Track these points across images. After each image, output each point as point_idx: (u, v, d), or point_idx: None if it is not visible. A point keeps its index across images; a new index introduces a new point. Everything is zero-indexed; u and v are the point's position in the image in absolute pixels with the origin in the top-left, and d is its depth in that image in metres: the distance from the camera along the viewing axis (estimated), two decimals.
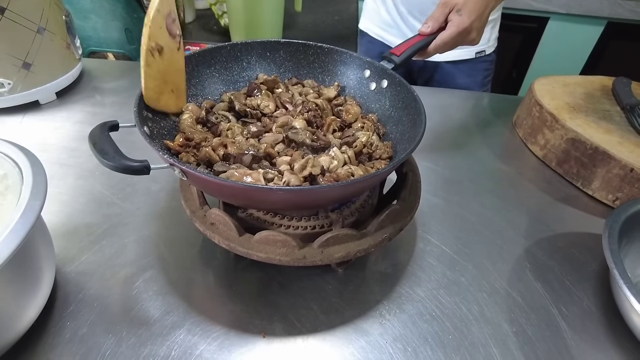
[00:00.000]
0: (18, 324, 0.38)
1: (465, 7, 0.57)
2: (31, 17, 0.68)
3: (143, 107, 0.43)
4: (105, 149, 0.37)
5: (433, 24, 0.58)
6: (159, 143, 0.43)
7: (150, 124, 0.44)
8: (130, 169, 0.36)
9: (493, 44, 0.99)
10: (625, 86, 0.74)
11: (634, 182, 0.58)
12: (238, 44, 0.56)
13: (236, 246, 0.41)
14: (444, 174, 0.66)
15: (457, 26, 0.57)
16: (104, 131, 0.39)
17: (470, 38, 0.59)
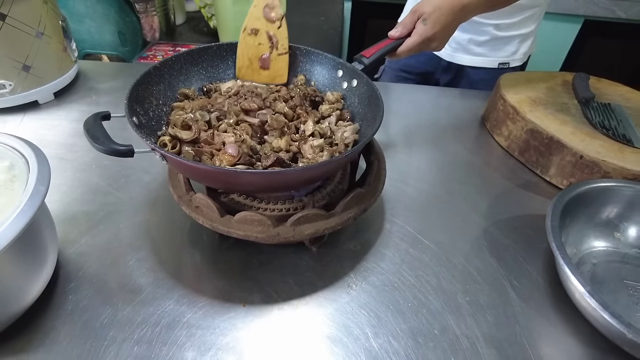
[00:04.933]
0: (26, 296, 0.44)
1: (430, 17, 0.61)
2: (30, 22, 0.73)
3: (133, 100, 0.48)
4: (96, 135, 0.42)
5: (402, 29, 0.63)
6: (146, 131, 0.48)
7: (139, 115, 0.49)
8: (116, 152, 0.41)
9: (521, 59, 1.00)
10: (583, 81, 0.79)
11: (583, 168, 0.63)
12: (224, 44, 0.61)
13: (218, 226, 0.46)
14: (416, 164, 0.71)
15: (420, 35, 0.61)
16: (96, 120, 0.44)
17: (433, 46, 0.64)
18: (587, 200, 0.54)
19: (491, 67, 0.98)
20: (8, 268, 0.40)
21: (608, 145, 0.64)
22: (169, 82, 0.55)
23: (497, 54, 0.96)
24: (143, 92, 0.51)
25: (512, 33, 0.93)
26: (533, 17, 0.94)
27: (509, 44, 0.96)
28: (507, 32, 0.92)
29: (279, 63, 0.61)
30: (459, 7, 0.63)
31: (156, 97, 0.53)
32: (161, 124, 0.53)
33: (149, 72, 0.52)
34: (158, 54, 1.00)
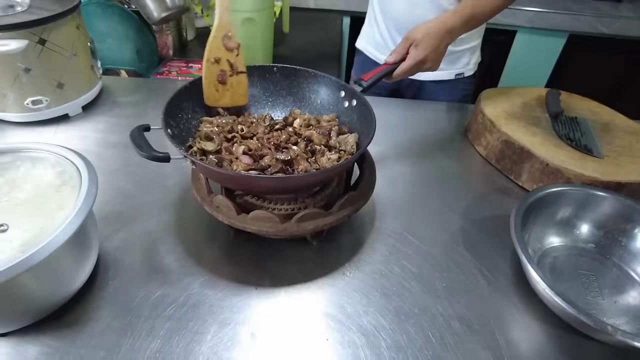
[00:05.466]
0: (77, 280, 0.53)
1: (421, 43, 0.70)
2: (65, 46, 0.83)
3: (168, 115, 0.58)
4: (140, 144, 0.52)
5: (396, 55, 0.72)
6: (178, 141, 0.57)
7: (172, 128, 0.59)
8: (156, 158, 0.51)
9: (472, 68, 1.11)
10: (555, 97, 0.89)
11: (549, 175, 0.73)
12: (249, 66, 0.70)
13: (235, 222, 0.56)
14: (403, 172, 0.81)
15: (414, 59, 0.70)
16: (140, 131, 0.54)
17: (426, 67, 0.73)
18: (546, 202, 0.63)
19: (449, 79, 1.09)
20: (67, 256, 0.50)
21: (571, 155, 0.74)
22: (197, 99, 0.65)
23: (453, 66, 1.07)
24: (175, 108, 0.61)
25: (464, 47, 1.05)
26: (479, 31, 1.08)
27: (463, 57, 1.08)
28: (460, 47, 1.03)
29: (240, 85, 0.68)
30: (445, 32, 0.72)
31: (186, 112, 0.63)
32: (190, 135, 0.63)
33: (180, 91, 0.62)
34: (172, 69, 1.10)
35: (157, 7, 1.00)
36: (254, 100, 0.72)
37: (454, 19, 0.73)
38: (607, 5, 1.82)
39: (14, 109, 0.83)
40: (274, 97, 0.72)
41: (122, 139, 0.84)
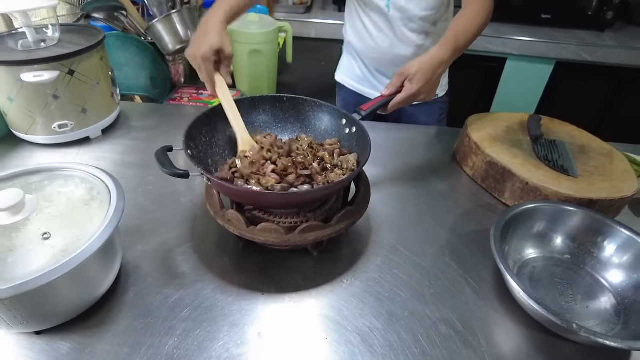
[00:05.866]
0: (104, 285, 0.60)
1: (415, 77, 0.78)
2: (90, 75, 0.92)
3: (189, 138, 0.66)
4: (164, 162, 0.60)
5: (391, 88, 0.80)
6: (196, 160, 0.64)
7: (192, 149, 0.66)
8: (177, 174, 0.58)
9: (445, 88, 1.23)
10: (536, 121, 0.97)
11: (529, 192, 0.80)
12: (256, 97, 0.79)
13: (245, 233, 0.63)
14: (396, 190, 0.88)
15: (408, 92, 0.78)
16: (164, 151, 0.62)
17: (420, 99, 0.80)
18: (523, 218, 0.70)
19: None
20: (97, 263, 0.57)
21: (549, 175, 0.81)
22: (214, 124, 0.73)
23: None
24: (195, 132, 0.68)
25: None
26: None
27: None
28: None
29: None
30: (437, 65, 0.80)
31: (204, 135, 0.71)
32: (207, 155, 0.70)
33: (200, 117, 0.70)
34: (184, 95, 1.19)
35: (172, 40, 1.09)
36: (265, 126, 0.80)
37: (442, 52, 0.81)
38: (590, 34, 1.93)
39: (42, 132, 0.91)
40: (283, 123, 0.81)
41: (139, 160, 0.92)
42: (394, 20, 1.08)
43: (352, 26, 1.20)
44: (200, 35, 0.76)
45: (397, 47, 1.12)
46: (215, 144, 0.74)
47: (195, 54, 0.75)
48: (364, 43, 1.17)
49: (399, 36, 1.11)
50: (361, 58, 1.21)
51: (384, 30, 1.12)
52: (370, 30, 1.14)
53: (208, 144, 0.72)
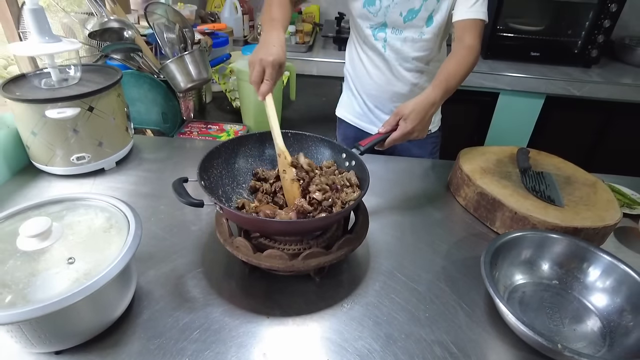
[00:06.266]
0: (120, 307, 0.64)
1: (409, 117, 0.85)
2: (107, 111, 0.99)
3: (202, 170, 0.71)
4: (180, 192, 0.65)
5: (387, 127, 0.86)
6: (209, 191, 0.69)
7: (205, 180, 0.72)
8: (192, 203, 0.64)
9: (437, 124, 1.31)
10: (524, 154, 1.03)
11: (518, 221, 0.85)
12: (264, 133, 0.85)
13: (252, 259, 0.67)
14: (394, 219, 0.93)
15: (403, 131, 0.85)
16: (180, 182, 0.67)
17: (414, 137, 0.87)
18: (511, 245, 0.75)
19: None
20: (115, 287, 0.61)
21: (536, 204, 0.87)
22: (225, 158, 0.79)
23: None
24: (208, 165, 0.74)
25: None
26: None
27: None
28: None
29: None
30: (429, 106, 0.87)
31: (216, 168, 0.77)
32: (218, 186, 0.76)
33: (212, 151, 0.76)
34: (193, 130, 1.26)
35: (184, 79, 1.18)
36: (272, 159, 0.86)
37: (434, 94, 0.88)
38: (577, 71, 2.04)
39: (61, 164, 0.97)
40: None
41: (151, 190, 0.97)
42: (390, 59, 1.17)
43: (352, 64, 1.29)
44: (265, 46, 0.86)
45: (393, 85, 1.21)
46: (225, 176, 0.80)
47: (264, 58, 0.83)
48: (363, 80, 1.25)
49: (395, 74, 1.19)
50: (360, 94, 1.29)
51: (381, 69, 1.20)
52: (368, 69, 1.23)
53: (219, 176, 0.78)
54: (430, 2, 1.07)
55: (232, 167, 0.82)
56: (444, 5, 1.07)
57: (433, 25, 1.11)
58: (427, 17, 1.10)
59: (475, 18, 1.03)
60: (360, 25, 1.17)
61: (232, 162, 0.81)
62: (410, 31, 1.12)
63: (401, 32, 1.13)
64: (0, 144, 0.97)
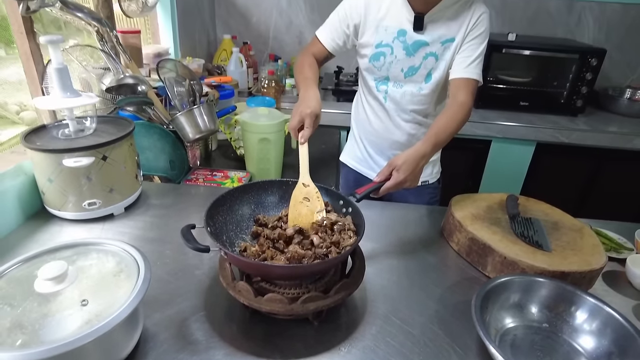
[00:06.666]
0: (126, 349, 0.67)
1: (401, 168, 0.92)
2: (119, 160, 1.05)
3: (208, 217, 0.76)
4: (188, 238, 0.70)
5: (381, 176, 0.93)
6: (214, 237, 0.74)
7: (211, 226, 0.77)
8: (199, 249, 0.68)
9: (435, 176, 1.38)
10: (513, 201, 1.09)
11: (508, 266, 0.89)
12: (266, 181, 0.91)
13: (253, 303, 0.71)
14: (390, 264, 0.97)
15: (396, 180, 0.92)
16: (188, 229, 0.72)
17: (406, 186, 0.94)
18: (500, 289, 0.78)
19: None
20: (124, 328, 0.65)
21: (525, 249, 0.91)
22: (230, 205, 0.85)
23: None
24: (214, 212, 0.79)
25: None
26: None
27: (427, 169, 1.34)
28: None
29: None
30: (420, 158, 0.95)
31: (221, 215, 0.82)
32: (222, 232, 0.81)
33: (218, 199, 0.81)
34: (199, 176, 1.32)
35: (192, 130, 1.26)
36: (273, 206, 0.92)
37: (424, 147, 0.96)
38: (564, 119, 2.14)
39: (73, 209, 1.03)
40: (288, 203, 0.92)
41: (157, 235, 1.02)
42: (390, 110, 1.27)
43: (356, 112, 1.40)
44: (304, 100, 1.02)
45: (392, 133, 1.30)
46: (229, 222, 0.85)
47: (303, 111, 0.97)
48: (365, 127, 1.35)
49: (394, 124, 1.28)
50: (362, 141, 1.38)
51: (381, 118, 1.30)
52: (370, 117, 1.32)
53: (223, 222, 0.83)
54: (430, 61, 1.18)
55: (236, 213, 0.87)
56: (442, 65, 1.18)
57: (431, 82, 1.21)
58: (426, 74, 1.20)
59: (469, 77, 1.13)
60: (366, 77, 1.29)
61: (236, 209, 0.87)
62: (409, 86, 1.23)
63: (401, 86, 1.23)
64: (18, 190, 1.03)
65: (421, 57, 1.18)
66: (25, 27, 1.14)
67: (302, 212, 0.86)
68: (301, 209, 0.86)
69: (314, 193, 0.87)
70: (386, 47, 1.20)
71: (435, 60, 1.18)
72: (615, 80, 2.48)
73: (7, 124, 1.41)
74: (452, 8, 1.14)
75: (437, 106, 1.29)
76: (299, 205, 0.87)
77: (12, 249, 0.92)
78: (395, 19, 1.17)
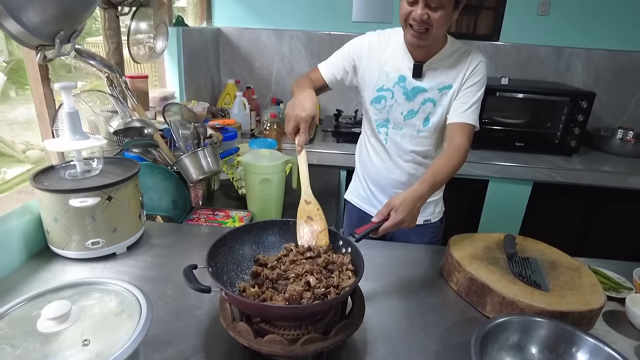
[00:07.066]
0: None
1: (399, 209, 0.95)
2: (124, 201, 1.08)
3: (210, 258, 0.78)
4: (190, 278, 0.71)
5: (380, 217, 0.96)
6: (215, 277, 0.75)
7: (212, 267, 0.78)
8: (201, 289, 0.69)
9: (438, 215, 1.41)
10: (510, 241, 1.10)
11: (507, 306, 0.89)
12: (267, 221, 0.93)
13: (253, 344, 0.71)
14: (390, 304, 0.97)
15: (394, 220, 0.94)
16: (190, 269, 0.74)
17: (404, 226, 0.96)
18: (499, 330, 0.78)
19: (418, 224, 1.31)
20: None
21: (523, 289, 0.91)
22: (230, 245, 0.86)
23: (421, 214, 1.34)
24: (215, 252, 0.81)
25: (429, 200, 1.30)
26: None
27: (429, 207, 1.38)
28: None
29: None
30: (417, 198, 0.99)
31: (222, 255, 0.83)
32: (223, 272, 0.82)
33: (219, 239, 0.83)
34: (201, 216, 1.34)
35: (196, 171, 1.29)
36: (273, 245, 0.93)
37: (421, 188, 1.00)
38: (559, 159, 2.18)
39: (76, 248, 1.04)
40: (289, 243, 0.93)
41: (158, 275, 1.03)
42: (391, 151, 1.32)
43: (359, 153, 1.46)
44: (299, 102, 1.02)
45: (393, 173, 1.33)
46: (230, 262, 0.86)
47: (298, 114, 1.00)
48: (368, 167, 1.40)
49: (395, 164, 1.33)
50: (365, 180, 1.42)
51: (382, 158, 1.35)
52: (372, 157, 1.38)
53: (224, 263, 0.84)
54: (428, 106, 1.24)
55: (237, 253, 0.88)
56: (440, 110, 1.24)
57: (429, 125, 1.26)
58: (424, 118, 1.26)
59: (465, 122, 1.18)
60: (368, 118, 1.35)
61: (237, 249, 0.88)
62: (409, 128, 1.28)
63: (401, 128, 1.29)
64: (23, 229, 1.05)
65: (420, 102, 1.24)
66: (41, 74, 1.20)
67: (307, 233, 0.89)
68: (305, 229, 0.90)
69: (315, 211, 0.89)
70: (387, 92, 1.26)
71: (433, 105, 1.23)
72: (606, 121, 2.55)
73: (13, 162, 1.45)
74: (450, 58, 1.21)
75: (437, 148, 1.33)
76: (304, 225, 0.90)
77: (15, 288, 0.93)
78: (396, 66, 1.24)
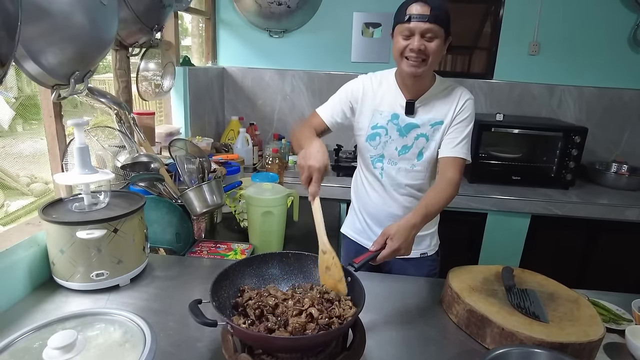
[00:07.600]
0: None
1: (395, 237, 0.99)
2: (129, 233, 1.10)
3: (213, 292, 0.79)
4: (196, 313, 0.72)
5: (377, 245, 0.99)
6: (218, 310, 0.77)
7: (215, 301, 0.79)
8: (207, 323, 0.71)
9: (434, 248, 1.44)
10: (509, 273, 1.12)
11: (506, 337, 0.90)
12: (267, 254, 0.96)
13: None
14: (390, 336, 0.97)
15: (390, 248, 0.98)
16: (195, 304, 0.75)
17: (401, 253, 1.00)
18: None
19: (415, 257, 1.38)
20: None
21: (522, 321, 0.92)
22: (232, 279, 0.88)
23: (418, 247, 1.38)
24: (218, 287, 0.83)
25: (425, 233, 1.38)
26: (435, 221, 1.42)
27: (425, 240, 1.41)
28: (421, 233, 1.29)
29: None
30: (411, 227, 1.03)
31: (225, 289, 0.85)
32: (225, 306, 0.83)
33: (221, 274, 0.85)
34: (204, 249, 1.36)
35: (200, 205, 1.33)
36: (274, 277, 0.95)
37: (414, 218, 1.04)
38: (556, 192, 2.22)
39: (81, 280, 1.06)
40: (289, 275, 0.96)
41: (161, 307, 1.04)
42: (386, 185, 1.36)
43: (355, 187, 1.49)
44: (311, 153, 1.03)
45: (389, 206, 1.37)
46: (232, 296, 0.87)
47: (312, 165, 1.00)
48: (364, 200, 1.43)
49: (391, 197, 1.36)
50: (361, 213, 1.45)
51: (378, 192, 1.38)
52: (368, 191, 1.41)
53: (227, 297, 0.86)
54: (421, 141, 1.30)
55: (238, 288, 0.90)
56: (432, 145, 1.29)
57: (423, 159, 1.31)
58: (418, 153, 1.31)
59: (456, 156, 1.23)
60: (364, 154, 1.40)
61: (238, 282, 0.90)
62: (403, 163, 1.33)
63: (396, 163, 1.33)
64: (29, 260, 1.07)
65: (413, 138, 1.29)
66: (54, 111, 1.26)
67: (330, 283, 0.91)
68: (327, 279, 0.91)
69: (332, 260, 0.91)
70: (381, 129, 1.31)
71: (426, 140, 1.29)
72: (600, 155, 2.61)
73: (17, 195, 1.48)
74: (440, 95, 1.28)
75: (431, 181, 1.38)
76: (325, 276, 0.92)
77: (18, 319, 0.94)
78: (389, 105, 1.31)
